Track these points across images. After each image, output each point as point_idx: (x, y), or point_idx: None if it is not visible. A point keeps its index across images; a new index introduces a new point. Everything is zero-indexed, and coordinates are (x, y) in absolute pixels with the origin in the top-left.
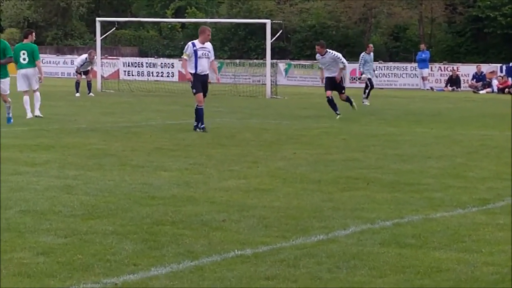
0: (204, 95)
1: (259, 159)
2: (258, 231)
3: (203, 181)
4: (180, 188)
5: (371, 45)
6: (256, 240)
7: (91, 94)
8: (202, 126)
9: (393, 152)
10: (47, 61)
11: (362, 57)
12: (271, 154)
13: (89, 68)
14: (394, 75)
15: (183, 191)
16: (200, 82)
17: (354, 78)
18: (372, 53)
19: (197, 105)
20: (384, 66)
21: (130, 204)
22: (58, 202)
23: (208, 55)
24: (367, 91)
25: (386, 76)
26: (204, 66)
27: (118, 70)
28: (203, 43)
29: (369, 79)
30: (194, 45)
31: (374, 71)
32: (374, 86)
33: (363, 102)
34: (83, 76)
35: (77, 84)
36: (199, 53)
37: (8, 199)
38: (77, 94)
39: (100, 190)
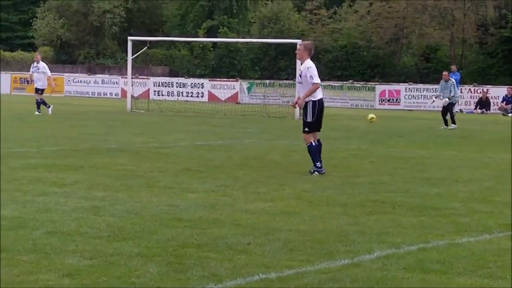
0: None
1: (286, 181)
2: (283, 255)
3: (229, 203)
4: (206, 210)
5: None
6: (280, 264)
7: (37, 113)
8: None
9: (421, 175)
10: (78, 80)
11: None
12: (299, 176)
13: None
14: (424, 97)
15: (209, 213)
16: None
17: (384, 100)
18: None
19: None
20: (414, 88)
21: (156, 226)
22: (84, 223)
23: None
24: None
25: (416, 98)
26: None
27: (148, 89)
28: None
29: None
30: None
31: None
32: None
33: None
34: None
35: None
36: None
37: (35, 220)
38: (37, 113)
39: (126, 211)
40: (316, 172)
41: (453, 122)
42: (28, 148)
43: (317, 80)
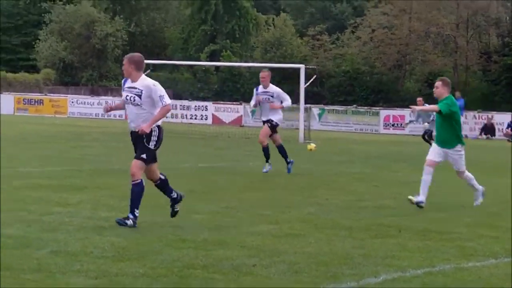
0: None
1: (291, 204)
2: (288, 277)
3: (234, 225)
4: (211, 231)
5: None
6: (286, 286)
7: None
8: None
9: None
10: (81, 102)
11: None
12: (303, 199)
13: None
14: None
15: (214, 234)
16: None
17: (388, 125)
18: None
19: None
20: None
21: (161, 246)
22: (89, 243)
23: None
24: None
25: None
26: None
27: None
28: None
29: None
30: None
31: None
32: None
33: None
34: None
35: None
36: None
37: (40, 239)
38: None
39: (131, 232)
40: (130, 221)
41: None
42: (32, 168)
43: (168, 100)
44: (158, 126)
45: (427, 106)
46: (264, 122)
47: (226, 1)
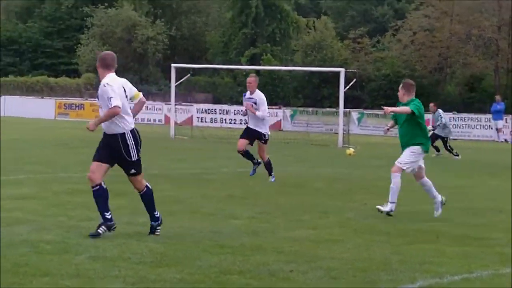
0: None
1: (329, 209)
2: (325, 283)
3: (271, 230)
4: (249, 237)
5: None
6: None
7: None
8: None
9: (464, 205)
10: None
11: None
12: (342, 204)
13: None
14: (468, 126)
15: (251, 240)
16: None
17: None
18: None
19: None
20: (458, 117)
21: (199, 252)
22: (127, 249)
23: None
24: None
25: (460, 127)
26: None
27: (191, 116)
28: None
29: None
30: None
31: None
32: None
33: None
34: None
35: None
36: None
37: (79, 245)
38: None
39: (169, 237)
40: (102, 229)
41: (456, 154)
42: (72, 173)
43: (115, 102)
44: (132, 131)
45: (399, 108)
46: (249, 128)
47: (267, 5)
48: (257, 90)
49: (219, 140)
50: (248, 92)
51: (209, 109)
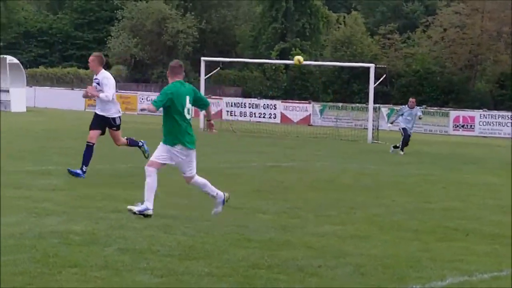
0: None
1: (356, 204)
2: (354, 279)
3: (299, 225)
4: (277, 231)
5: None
6: None
7: None
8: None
9: (494, 202)
10: (151, 99)
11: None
12: (369, 200)
13: None
14: (499, 124)
15: (279, 235)
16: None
17: (458, 126)
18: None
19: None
20: (489, 115)
21: (227, 246)
22: (156, 241)
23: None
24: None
25: (490, 125)
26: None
27: (221, 110)
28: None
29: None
30: None
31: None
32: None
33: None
34: None
35: None
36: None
37: (108, 237)
38: None
39: (197, 230)
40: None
41: (402, 149)
42: (101, 165)
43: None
44: None
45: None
46: (97, 115)
47: None
48: (102, 70)
49: (248, 134)
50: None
51: (238, 103)
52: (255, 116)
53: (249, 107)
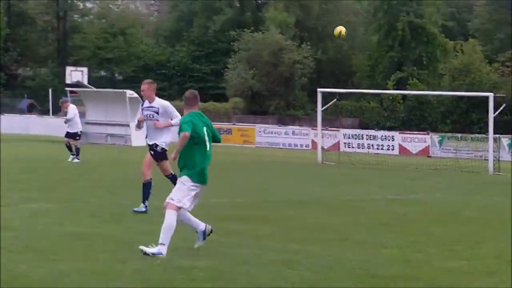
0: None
1: (482, 238)
2: None
3: (424, 260)
4: (401, 266)
5: None
6: None
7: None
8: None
9: None
10: (269, 131)
11: None
12: (495, 234)
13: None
14: None
15: (404, 270)
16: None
17: None
18: None
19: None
20: None
21: (352, 282)
22: (280, 277)
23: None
24: None
25: None
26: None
27: (338, 141)
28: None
29: None
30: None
31: None
32: None
33: None
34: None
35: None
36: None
37: (231, 273)
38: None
39: (320, 265)
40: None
41: None
42: (220, 199)
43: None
44: None
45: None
46: (149, 145)
47: (413, 27)
48: (156, 98)
49: (367, 166)
50: (146, 101)
51: (355, 135)
52: (373, 148)
53: (367, 139)
